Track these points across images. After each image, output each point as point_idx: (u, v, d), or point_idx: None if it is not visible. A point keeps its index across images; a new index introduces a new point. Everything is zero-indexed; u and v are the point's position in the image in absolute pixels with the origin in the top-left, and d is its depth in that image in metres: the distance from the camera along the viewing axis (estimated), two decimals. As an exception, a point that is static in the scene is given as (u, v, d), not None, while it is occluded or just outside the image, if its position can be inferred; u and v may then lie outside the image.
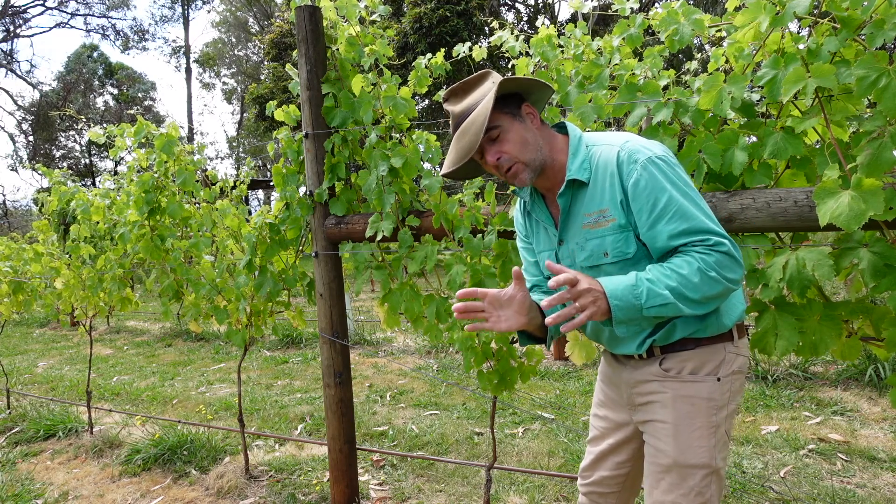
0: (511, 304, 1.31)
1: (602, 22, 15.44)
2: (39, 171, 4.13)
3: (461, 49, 2.34)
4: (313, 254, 2.57)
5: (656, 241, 1.28)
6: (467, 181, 2.17)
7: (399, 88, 2.31)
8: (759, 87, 1.57)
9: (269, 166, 28.96)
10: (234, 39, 35.37)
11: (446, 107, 1.45)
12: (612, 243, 1.34)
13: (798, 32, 1.61)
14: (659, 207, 1.26)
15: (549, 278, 1.43)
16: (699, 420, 1.34)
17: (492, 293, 1.29)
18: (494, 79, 1.41)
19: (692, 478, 1.34)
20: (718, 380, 1.35)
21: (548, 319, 1.18)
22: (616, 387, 1.54)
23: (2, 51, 29.60)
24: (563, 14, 21.86)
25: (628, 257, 1.33)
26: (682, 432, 1.35)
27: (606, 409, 1.59)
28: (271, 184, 14.95)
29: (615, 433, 1.56)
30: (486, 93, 1.38)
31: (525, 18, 21.34)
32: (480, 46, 2.36)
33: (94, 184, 27.80)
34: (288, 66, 2.60)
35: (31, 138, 30.56)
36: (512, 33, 2.20)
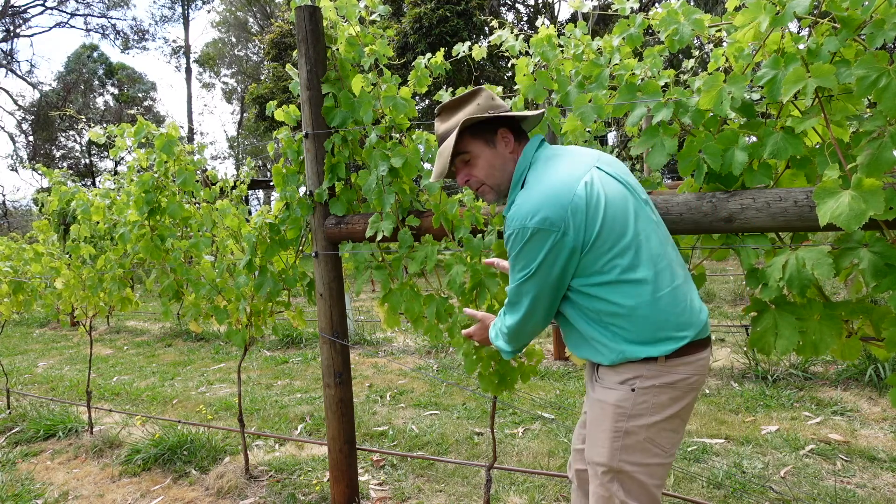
0: None
1: (602, 22, 15.44)
2: (39, 171, 4.13)
3: (461, 49, 2.34)
4: (313, 254, 2.57)
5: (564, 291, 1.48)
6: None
7: (399, 88, 2.31)
8: (759, 87, 1.57)
9: (269, 166, 28.96)
10: (234, 39, 35.36)
11: (435, 122, 1.61)
12: None
13: (798, 32, 1.61)
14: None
15: None
16: (606, 423, 1.45)
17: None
18: (481, 99, 1.55)
19: (596, 473, 1.49)
20: (633, 390, 1.41)
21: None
22: None
23: (2, 51, 29.60)
24: (564, 14, 21.85)
25: None
26: (592, 431, 1.49)
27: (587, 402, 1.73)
28: (271, 184, 14.95)
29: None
30: (465, 116, 1.53)
31: (525, 18, 21.34)
32: (480, 46, 2.36)
33: (94, 184, 27.79)
34: (288, 66, 2.60)
35: (31, 138, 30.55)
36: (512, 32, 2.20)
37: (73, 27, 39.79)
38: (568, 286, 1.43)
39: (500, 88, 2.17)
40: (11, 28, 29.24)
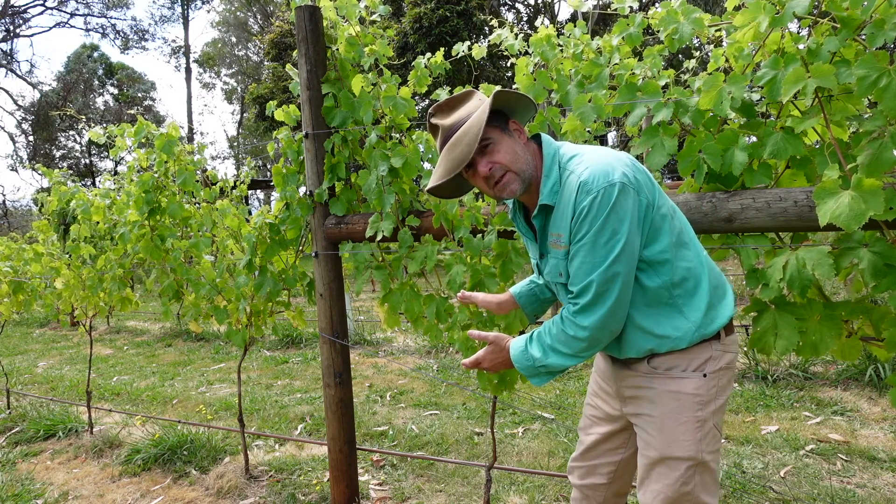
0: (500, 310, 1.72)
1: (602, 21, 15.44)
2: (39, 171, 4.13)
3: (461, 48, 2.33)
4: (313, 254, 2.57)
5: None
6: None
7: (399, 88, 2.31)
8: (759, 87, 1.57)
9: (269, 166, 28.97)
10: (234, 39, 35.37)
11: (433, 121, 1.48)
12: (564, 267, 1.40)
13: (798, 32, 1.61)
14: (580, 240, 1.31)
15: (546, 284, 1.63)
16: (685, 415, 1.39)
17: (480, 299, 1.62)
18: (479, 96, 1.47)
19: (677, 469, 1.40)
20: (704, 376, 1.39)
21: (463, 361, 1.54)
22: (608, 379, 1.60)
23: (2, 51, 29.60)
24: (563, 14, 21.86)
25: None
26: (668, 426, 1.40)
27: (599, 400, 1.66)
28: (271, 184, 14.95)
29: (606, 423, 1.63)
30: (473, 108, 1.43)
31: (525, 18, 21.34)
32: (480, 46, 2.36)
33: (94, 184, 27.80)
34: (288, 66, 2.60)
35: (31, 138, 30.56)
36: (511, 32, 2.20)
37: (73, 27, 39.81)
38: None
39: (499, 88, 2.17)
40: (11, 28, 29.24)
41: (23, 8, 29.18)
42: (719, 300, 1.42)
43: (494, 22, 2.36)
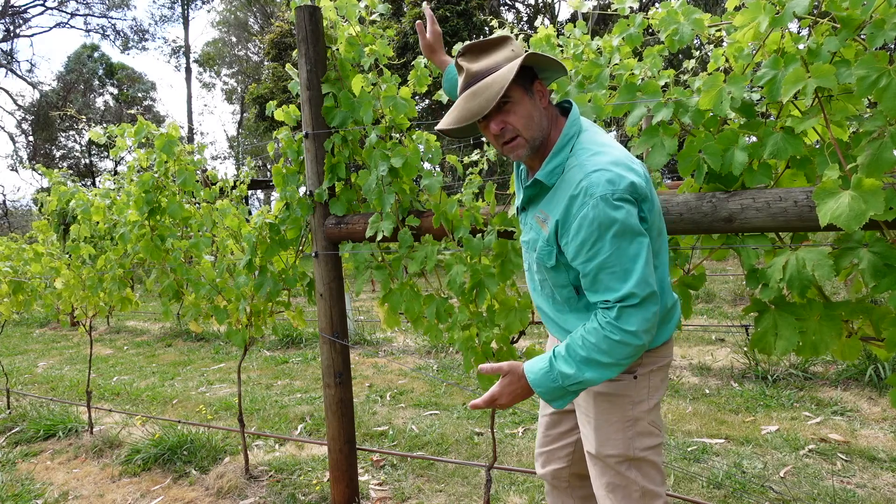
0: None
1: (602, 22, 15.44)
2: (39, 171, 4.13)
3: (460, 47, 2.33)
4: (313, 254, 2.57)
5: (583, 277, 1.32)
6: (466, 181, 2.20)
7: (399, 88, 2.31)
8: (759, 87, 1.57)
9: (269, 166, 28.96)
10: (234, 39, 35.37)
11: (461, 62, 1.41)
12: (541, 247, 1.42)
13: (798, 32, 1.61)
14: (589, 248, 1.27)
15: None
16: (615, 415, 1.44)
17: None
18: (514, 46, 1.40)
19: (609, 465, 1.46)
20: (635, 377, 1.43)
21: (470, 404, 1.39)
22: None
23: (2, 51, 29.60)
24: (563, 14, 21.85)
25: (548, 266, 1.42)
26: (601, 426, 1.45)
27: None
28: (271, 184, 14.95)
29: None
30: (503, 59, 1.36)
31: (525, 18, 21.33)
32: (480, 46, 2.35)
33: (94, 184, 27.78)
34: (288, 65, 2.60)
35: (31, 138, 30.55)
36: (511, 31, 2.20)
37: (73, 27, 39.87)
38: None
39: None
40: (11, 28, 29.24)
41: (23, 8, 29.18)
42: (664, 323, 1.45)
43: (494, 22, 2.36)
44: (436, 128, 1.47)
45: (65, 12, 34.39)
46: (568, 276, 1.41)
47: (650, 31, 1.92)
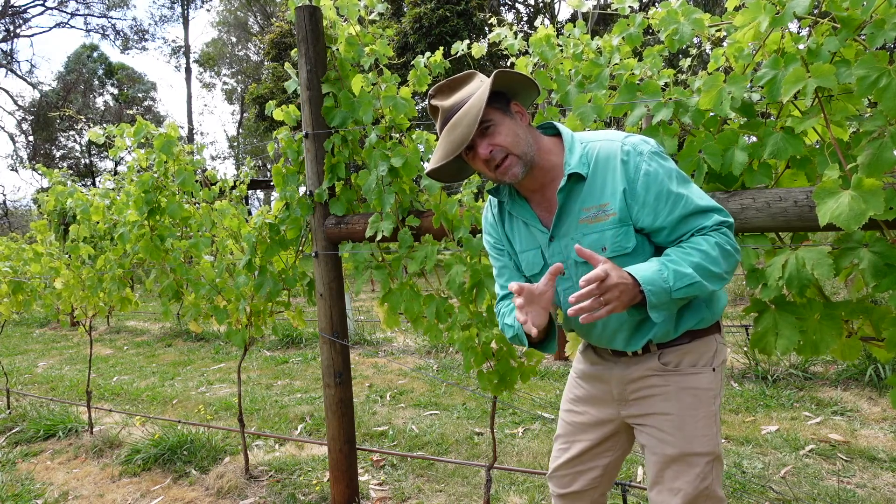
0: (541, 301, 1.28)
1: (602, 22, 15.44)
2: (39, 171, 4.13)
3: (460, 47, 2.33)
4: (313, 254, 2.57)
5: (665, 229, 1.33)
6: (466, 181, 2.17)
7: (399, 88, 2.31)
8: (759, 87, 1.57)
9: (269, 166, 28.96)
10: (234, 39, 35.37)
11: (433, 102, 1.43)
12: (611, 238, 1.35)
13: (798, 32, 1.61)
14: (666, 196, 1.31)
15: (533, 277, 1.49)
16: (702, 410, 1.40)
17: (528, 288, 1.26)
18: (482, 78, 1.43)
19: (697, 465, 1.39)
20: (714, 370, 1.43)
21: (570, 310, 1.17)
22: (602, 383, 1.54)
23: (2, 51, 29.59)
24: (564, 14, 21.85)
25: (627, 252, 1.35)
26: (688, 423, 1.40)
27: (587, 406, 1.58)
28: (271, 184, 14.95)
29: (595, 429, 1.57)
30: (474, 90, 1.39)
31: (525, 18, 21.34)
32: (480, 44, 2.35)
33: (94, 184, 27.77)
34: (287, 64, 2.60)
35: (31, 138, 30.54)
36: (511, 31, 2.19)
37: (73, 27, 39.84)
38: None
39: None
40: (11, 28, 29.23)
41: (23, 8, 29.17)
42: (717, 300, 1.48)
43: (494, 20, 2.36)
44: (425, 172, 1.48)
45: (65, 12, 34.41)
46: (651, 250, 1.37)
47: (650, 30, 1.92)
